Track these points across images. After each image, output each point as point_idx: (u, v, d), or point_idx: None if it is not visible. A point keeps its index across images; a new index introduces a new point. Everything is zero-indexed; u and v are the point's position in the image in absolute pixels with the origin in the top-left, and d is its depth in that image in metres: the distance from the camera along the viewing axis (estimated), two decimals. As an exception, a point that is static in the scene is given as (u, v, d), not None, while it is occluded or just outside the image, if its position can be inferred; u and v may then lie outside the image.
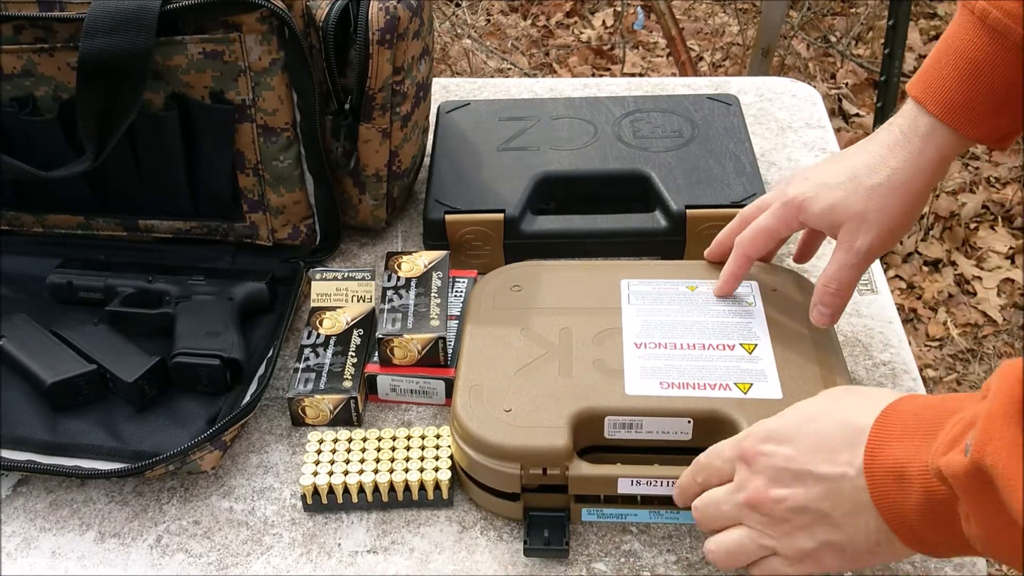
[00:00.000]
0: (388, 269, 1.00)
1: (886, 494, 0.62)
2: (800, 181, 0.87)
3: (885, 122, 0.86)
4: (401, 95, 1.03)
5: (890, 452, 0.62)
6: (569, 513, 0.82)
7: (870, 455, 0.63)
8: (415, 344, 0.93)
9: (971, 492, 0.55)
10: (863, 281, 1.07)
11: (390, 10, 0.97)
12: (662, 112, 1.20)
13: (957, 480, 0.55)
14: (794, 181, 0.87)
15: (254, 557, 0.83)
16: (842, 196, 0.83)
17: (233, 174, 1.03)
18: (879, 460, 0.62)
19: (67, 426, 0.90)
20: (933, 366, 2.14)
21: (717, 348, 0.87)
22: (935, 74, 0.81)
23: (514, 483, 0.80)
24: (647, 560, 0.81)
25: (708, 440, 0.77)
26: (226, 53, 0.95)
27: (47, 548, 0.84)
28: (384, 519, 0.85)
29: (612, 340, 0.88)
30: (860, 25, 3.19)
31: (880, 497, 0.62)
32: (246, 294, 1.01)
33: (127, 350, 0.94)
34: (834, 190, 0.84)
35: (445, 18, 3.20)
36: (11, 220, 1.10)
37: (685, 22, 3.29)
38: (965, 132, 0.80)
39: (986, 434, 0.52)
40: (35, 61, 0.97)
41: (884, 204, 0.82)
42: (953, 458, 0.55)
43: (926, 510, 0.60)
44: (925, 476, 0.59)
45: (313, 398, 0.91)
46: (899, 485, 0.61)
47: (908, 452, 0.61)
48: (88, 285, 1.03)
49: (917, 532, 0.62)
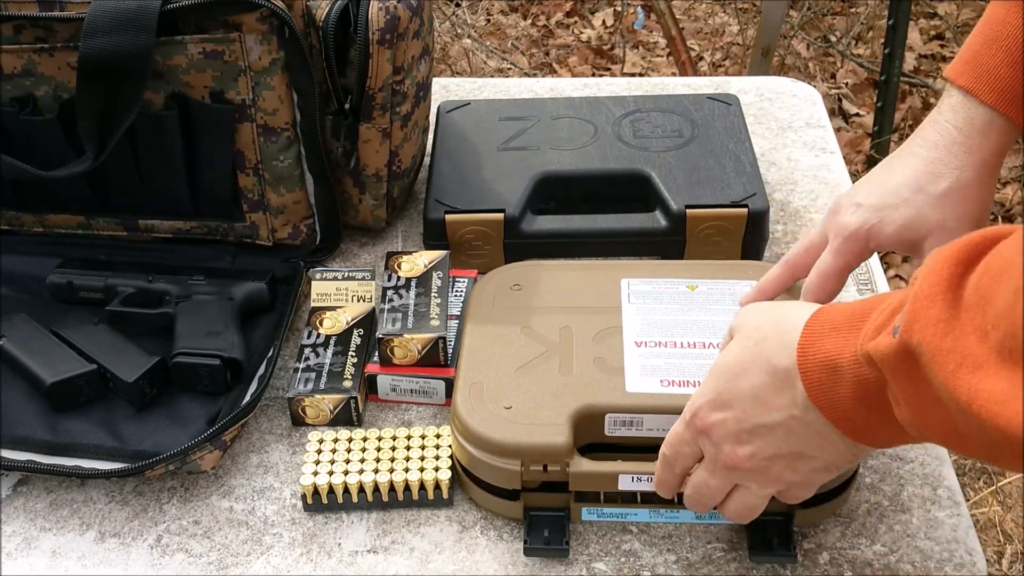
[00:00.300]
0: (388, 269, 1.00)
1: (821, 389, 0.63)
2: (853, 209, 0.82)
3: (928, 120, 0.81)
4: (401, 95, 1.03)
5: (821, 347, 0.63)
6: (569, 513, 0.82)
7: (802, 353, 0.63)
8: (415, 344, 0.93)
9: (899, 373, 0.55)
10: (863, 281, 1.07)
11: (390, 10, 0.97)
12: (662, 112, 1.20)
13: (886, 362, 0.56)
14: (844, 210, 0.82)
15: (254, 557, 0.83)
16: (914, 212, 0.79)
17: (233, 174, 1.03)
18: (811, 356, 0.63)
19: (67, 426, 0.90)
20: (933, 366, 2.14)
21: (717, 347, 0.87)
22: (985, 63, 0.77)
23: (515, 480, 0.80)
24: (647, 560, 0.81)
25: None
26: (226, 53, 0.95)
27: (47, 548, 0.84)
28: (384, 519, 0.85)
29: (612, 339, 0.88)
30: (860, 25, 3.19)
31: (816, 393, 0.63)
32: (246, 294, 1.01)
33: (127, 350, 0.94)
34: (901, 208, 0.79)
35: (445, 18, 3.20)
36: (11, 220, 1.10)
37: (685, 22, 3.29)
38: (1021, 122, 0.77)
39: (913, 314, 0.53)
40: (35, 61, 0.97)
41: (960, 209, 0.78)
42: (881, 341, 0.56)
43: (859, 398, 0.61)
44: (856, 364, 0.60)
45: (313, 398, 0.91)
46: (832, 378, 0.62)
47: (838, 344, 0.61)
48: (88, 285, 1.03)
49: (856, 421, 0.63)
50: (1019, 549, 1.79)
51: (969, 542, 0.82)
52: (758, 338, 0.69)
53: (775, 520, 0.80)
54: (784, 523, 0.80)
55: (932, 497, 0.85)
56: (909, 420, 0.57)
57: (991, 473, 1.92)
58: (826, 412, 0.63)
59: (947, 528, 0.83)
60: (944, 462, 0.88)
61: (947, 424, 0.54)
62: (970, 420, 0.50)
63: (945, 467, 0.88)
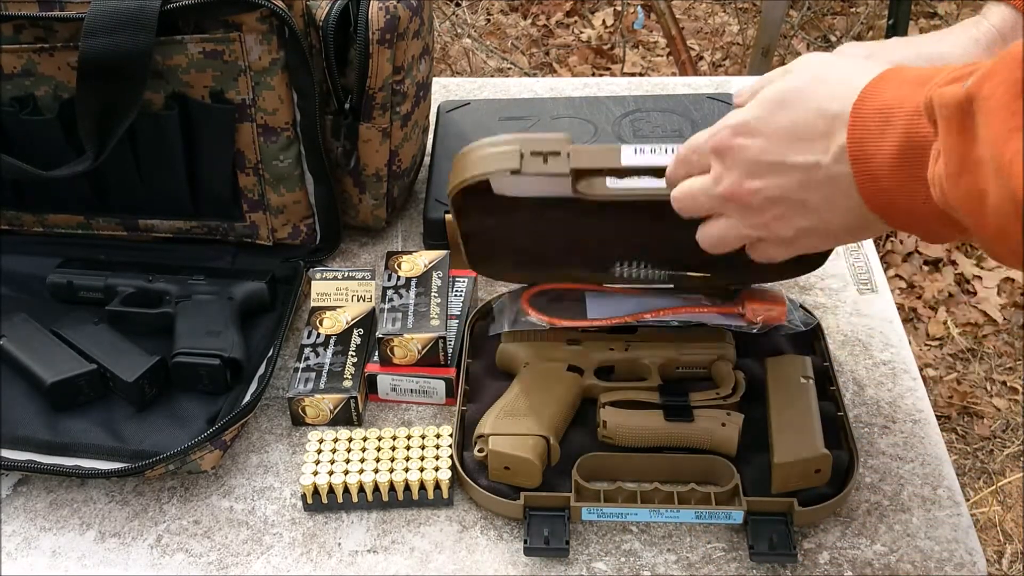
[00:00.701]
0: (388, 269, 1.00)
1: (864, 137, 0.62)
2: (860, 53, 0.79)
3: (974, 18, 0.78)
4: (401, 95, 1.03)
5: (882, 96, 0.62)
6: (569, 512, 0.82)
7: (861, 100, 0.63)
8: (415, 344, 0.93)
9: (952, 124, 0.55)
10: (863, 280, 1.07)
11: (390, 10, 0.97)
12: (662, 112, 1.20)
13: (945, 109, 0.56)
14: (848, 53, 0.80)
15: (254, 557, 0.83)
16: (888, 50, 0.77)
17: (233, 174, 1.03)
18: (869, 103, 0.62)
19: (67, 426, 0.90)
20: (933, 365, 2.14)
21: None
22: None
23: None
24: (647, 559, 0.81)
25: None
26: (226, 53, 0.95)
27: (47, 548, 0.84)
28: (384, 519, 0.85)
29: None
30: (860, 25, 3.19)
31: (857, 142, 0.62)
32: (246, 294, 1.01)
33: (127, 350, 0.94)
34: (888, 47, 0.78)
35: (445, 18, 3.20)
36: (11, 220, 1.10)
37: (685, 21, 3.29)
38: None
39: (992, 71, 0.54)
40: (35, 61, 0.97)
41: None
42: (949, 89, 0.56)
43: (899, 152, 0.60)
44: (911, 117, 0.59)
45: (313, 397, 0.91)
46: (881, 127, 0.61)
47: (901, 95, 0.61)
48: (88, 285, 1.03)
49: (882, 182, 0.62)
50: (1019, 549, 1.79)
51: (969, 542, 0.82)
52: (816, 78, 0.67)
53: (775, 520, 0.80)
54: (784, 523, 0.80)
55: (932, 497, 0.85)
56: (941, 179, 0.57)
57: (991, 473, 1.93)
58: (857, 165, 0.62)
59: (947, 528, 0.83)
60: (944, 462, 0.88)
61: (975, 188, 0.54)
62: (1002, 183, 0.51)
63: (945, 467, 0.88)
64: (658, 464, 0.85)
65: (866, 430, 0.91)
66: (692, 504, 0.82)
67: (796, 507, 0.80)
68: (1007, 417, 2.01)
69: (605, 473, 0.85)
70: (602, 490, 0.82)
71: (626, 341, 0.92)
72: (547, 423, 0.84)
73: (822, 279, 1.08)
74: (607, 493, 0.82)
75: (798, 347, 0.95)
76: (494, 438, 0.83)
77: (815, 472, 0.81)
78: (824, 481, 0.82)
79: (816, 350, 0.96)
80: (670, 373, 0.92)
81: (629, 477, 0.85)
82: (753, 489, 0.83)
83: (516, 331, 0.94)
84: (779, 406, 0.86)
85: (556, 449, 0.84)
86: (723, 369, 0.90)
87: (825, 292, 1.06)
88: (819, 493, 0.82)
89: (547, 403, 0.86)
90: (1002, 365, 2.13)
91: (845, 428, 0.87)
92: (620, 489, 0.83)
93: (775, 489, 0.82)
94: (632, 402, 0.87)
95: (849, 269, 1.09)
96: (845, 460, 0.84)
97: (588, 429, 0.88)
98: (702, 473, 0.85)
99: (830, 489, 0.82)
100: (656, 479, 0.84)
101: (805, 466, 0.81)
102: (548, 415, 0.85)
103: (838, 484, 0.82)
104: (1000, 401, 2.05)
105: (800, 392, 0.87)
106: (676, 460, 0.85)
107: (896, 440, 0.90)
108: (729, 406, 0.87)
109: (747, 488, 0.82)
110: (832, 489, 0.82)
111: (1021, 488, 1.88)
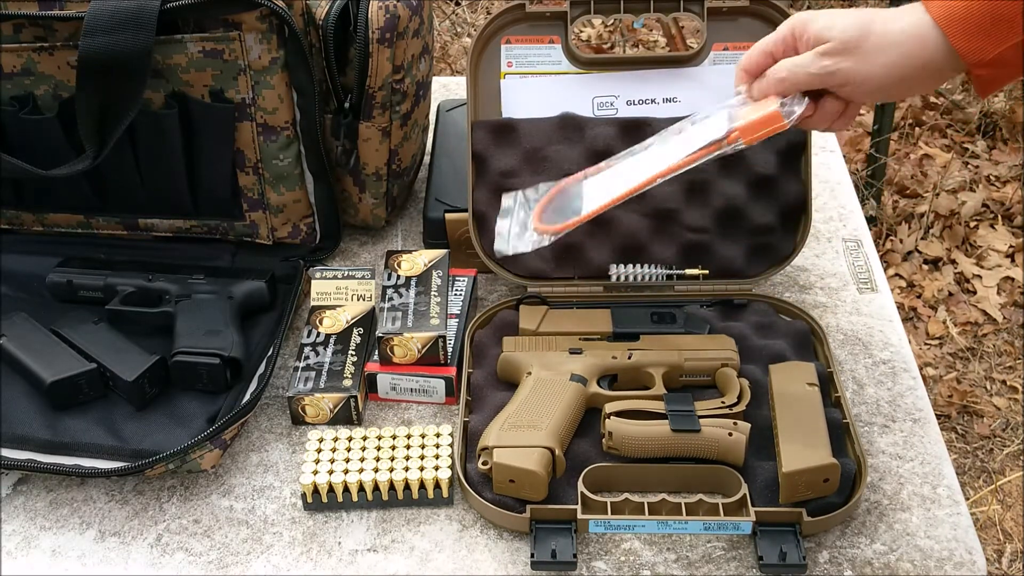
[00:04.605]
0: (388, 268, 1.00)
1: None
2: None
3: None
4: (401, 94, 1.03)
5: None
6: (576, 525, 0.81)
7: None
8: (415, 343, 0.93)
9: None
10: (863, 279, 1.07)
11: (390, 9, 0.97)
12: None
13: None
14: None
15: (254, 556, 0.83)
16: (837, 26, 0.79)
17: (233, 173, 1.03)
18: None
19: (67, 425, 0.90)
20: (933, 364, 2.14)
21: None
22: None
23: None
24: (647, 559, 0.81)
25: None
26: (226, 52, 0.95)
27: (47, 547, 0.84)
28: (384, 518, 0.85)
29: None
30: (860, 24, 3.18)
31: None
32: (246, 293, 1.01)
33: (127, 349, 0.94)
34: (839, 21, 0.79)
35: (445, 17, 3.20)
36: (11, 219, 1.10)
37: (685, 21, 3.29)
38: None
39: None
40: (35, 60, 0.97)
41: (872, 57, 0.77)
42: None
43: None
44: None
45: (313, 397, 0.91)
46: None
47: None
48: (88, 284, 1.03)
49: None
50: (1019, 548, 1.79)
51: (969, 541, 0.82)
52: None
53: (783, 531, 0.79)
54: (793, 533, 0.79)
55: (932, 496, 0.85)
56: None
57: (991, 472, 1.93)
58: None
59: (947, 527, 0.83)
60: (944, 461, 0.88)
61: None
62: None
63: (945, 466, 0.88)
64: (665, 475, 0.84)
65: (866, 429, 0.91)
66: (700, 515, 0.80)
67: (806, 517, 0.79)
68: (1007, 416, 2.01)
69: (611, 484, 0.85)
70: (609, 502, 0.81)
71: (629, 348, 0.92)
72: (551, 434, 0.84)
73: (822, 278, 1.08)
74: (614, 505, 0.81)
75: (800, 352, 0.95)
76: (498, 451, 0.82)
77: (824, 481, 0.80)
78: (833, 490, 0.81)
79: (819, 355, 0.96)
80: (674, 381, 0.92)
81: (635, 488, 0.85)
82: (759, 498, 0.82)
83: (518, 339, 0.94)
84: (785, 414, 0.85)
85: (561, 460, 0.83)
86: (728, 376, 0.90)
87: (825, 291, 1.06)
88: (827, 502, 0.81)
89: (551, 413, 0.86)
90: (1002, 364, 2.13)
91: (852, 435, 0.86)
92: (627, 501, 0.82)
93: (783, 498, 0.81)
94: (637, 412, 0.86)
95: (849, 268, 1.09)
96: (852, 468, 0.83)
97: (592, 439, 0.88)
98: (709, 484, 0.84)
99: (837, 498, 0.81)
100: (663, 490, 0.83)
101: (813, 475, 0.80)
102: (552, 426, 0.84)
103: (845, 492, 0.81)
104: (1000, 400, 2.05)
105: (806, 399, 0.86)
106: (683, 471, 0.84)
107: (896, 439, 0.90)
108: (735, 415, 0.86)
109: (753, 497, 0.81)
110: (839, 498, 0.81)
111: (1021, 487, 1.88)
